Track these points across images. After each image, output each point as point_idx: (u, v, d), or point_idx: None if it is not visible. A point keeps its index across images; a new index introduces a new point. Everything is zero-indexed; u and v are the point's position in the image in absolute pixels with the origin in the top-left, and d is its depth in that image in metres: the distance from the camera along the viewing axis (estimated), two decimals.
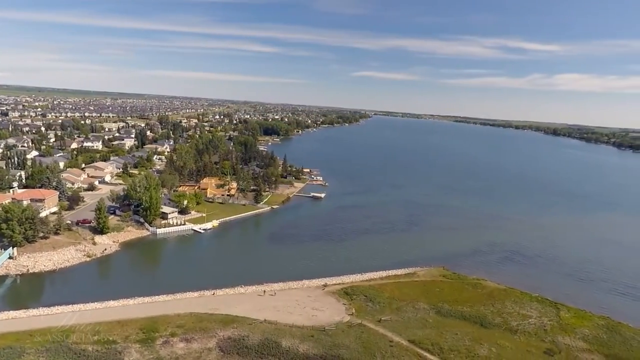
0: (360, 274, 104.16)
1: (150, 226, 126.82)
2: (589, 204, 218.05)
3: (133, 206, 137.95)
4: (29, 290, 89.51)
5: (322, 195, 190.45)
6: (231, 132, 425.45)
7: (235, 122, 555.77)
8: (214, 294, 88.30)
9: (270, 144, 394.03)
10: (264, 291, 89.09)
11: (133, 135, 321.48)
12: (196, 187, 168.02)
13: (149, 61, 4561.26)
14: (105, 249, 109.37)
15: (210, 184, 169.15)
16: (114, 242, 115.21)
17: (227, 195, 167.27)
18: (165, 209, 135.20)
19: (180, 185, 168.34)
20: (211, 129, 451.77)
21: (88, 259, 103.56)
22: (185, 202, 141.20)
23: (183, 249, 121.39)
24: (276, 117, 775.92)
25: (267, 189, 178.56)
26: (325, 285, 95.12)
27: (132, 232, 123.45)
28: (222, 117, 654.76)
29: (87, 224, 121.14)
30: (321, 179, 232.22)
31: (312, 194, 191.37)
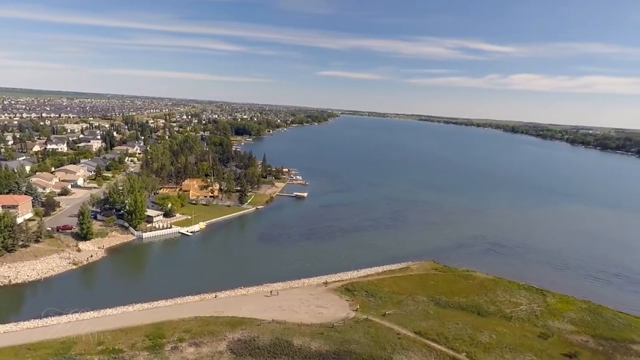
0: (357, 270, 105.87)
1: (136, 230, 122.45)
2: (553, 197, 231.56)
3: (114, 210, 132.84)
4: (15, 302, 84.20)
5: (305, 194, 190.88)
6: (202, 133, 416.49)
7: (204, 122, 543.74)
8: (215, 296, 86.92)
9: (243, 144, 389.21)
10: (271, 291, 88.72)
11: (99, 137, 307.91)
12: (177, 189, 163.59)
13: (109, 59, 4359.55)
14: (92, 256, 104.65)
15: (192, 186, 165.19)
16: (99, 248, 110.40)
17: (211, 196, 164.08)
18: (150, 212, 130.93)
19: (161, 188, 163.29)
20: (180, 129, 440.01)
21: (74, 267, 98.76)
22: (170, 204, 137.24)
23: (173, 252, 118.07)
24: (245, 116, 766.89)
25: (250, 190, 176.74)
26: (326, 283, 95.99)
27: (117, 237, 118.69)
28: (189, 117, 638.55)
29: (68, 230, 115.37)
30: (300, 178, 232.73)
31: (294, 193, 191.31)
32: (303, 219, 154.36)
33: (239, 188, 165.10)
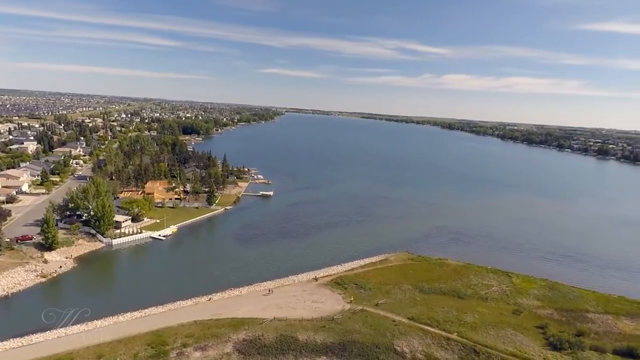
0: (342, 264, 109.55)
1: (104, 237, 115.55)
2: (497, 188, 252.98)
3: (75, 216, 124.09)
4: None
5: (271, 193, 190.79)
6: (147, 132, 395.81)
7: (147, 121, 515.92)
8: (209, 299, 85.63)
9: (193, 143, 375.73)
10: (269, 290, 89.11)
11: (32, 138, 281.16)
12: (140, 192, 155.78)
13: (26, 52, 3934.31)
14: (61, 267, 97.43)
15: (156, 188, 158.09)
16: (67, 258, 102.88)
17: (177, 198, 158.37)
18: (118, 217, 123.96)
19: (122, 191, 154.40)
20: (123, 129, 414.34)
21: (44, 280, 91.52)
22: (138, 208, 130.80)
23: (150, 258, 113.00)
24: (188, 115, 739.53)
25: (216, 190, 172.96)
26: (316, 279, 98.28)
27: (84, 246, 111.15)
28: (129, 115, 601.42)
29: (29, 241, 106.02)
30: (262, 177, 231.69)
31: (260, 192, 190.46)
32: (275, 218, 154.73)
33: (206, 189, 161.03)
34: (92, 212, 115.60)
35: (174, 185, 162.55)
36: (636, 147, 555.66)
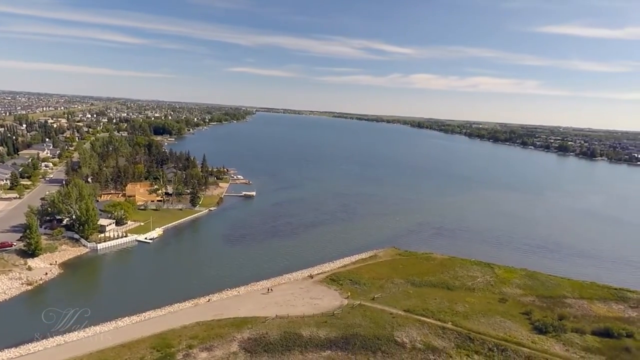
0: (334, 261, 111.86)
1: (89, 242, 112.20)
2: (470, 184, 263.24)
3: (55, 220, 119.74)
4: None
5: (253, 193, 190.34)
6: (116, 133, 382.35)
7: (115, 121, 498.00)
8: (209, 300, 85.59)
9: (166, 144, 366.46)
10: (268, 289, 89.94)
11: None
12: (120, 195, 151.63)
13: None
14: (46, 273, 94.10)
15: (137, 190, 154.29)
16: (51, 264, 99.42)
17: (159, 200, 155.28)
18: (102, 221, 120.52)
19: (101, 194, 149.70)
20: (90, 129, 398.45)
21: (30, 287, 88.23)
22: (122, 211, 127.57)
23: (140, 261, 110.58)
24: (157, 114, 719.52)
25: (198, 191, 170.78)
26: (311, 276, 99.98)
27: (68, 251, 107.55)
28: (95, 115, 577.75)
29: (9, 247, 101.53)
30: (242, 177, 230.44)
31: (243, 192, 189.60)
32: (261, 218, 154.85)
33: (190, 190, 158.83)
34: (75, 216, 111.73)
35: (156, 187, 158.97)
36: (592, 143, 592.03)
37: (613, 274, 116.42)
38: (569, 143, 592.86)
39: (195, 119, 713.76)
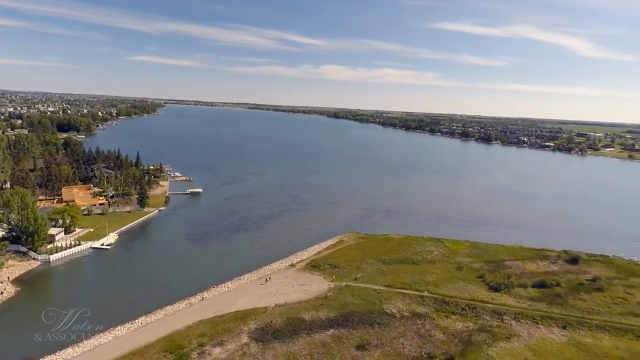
0: (306, 250, 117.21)
1: (38, 254, 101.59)
2: (398, 169, 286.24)
3: None
4: None
5: (200, 190, 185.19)
6: (10, 130, 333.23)
7: (3, 117, 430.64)
8: (203, 298, 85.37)
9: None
10: (266, 279, 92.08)
11: None
12: (56, 201, 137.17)
13: None
14: (2, 292, 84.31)
15: (76, 194, 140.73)
16: (2, 282, 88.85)
17: (101, 204, 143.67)
18: (52, 230, 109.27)
19: (34, 201, 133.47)
20: None
21: None
22: (70, 218, 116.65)
23: (105, 268, 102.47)
24: (51, 109, 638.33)
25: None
26: (293, 265, 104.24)
27: (16, 266, 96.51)
28: None
29: None
30: (180, 174, 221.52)
31: (189, 190, 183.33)
32: (217, 215, 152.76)
33: (137, 191, 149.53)
34: (20, 227, 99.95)
35: (100, 189, 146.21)
36: (487, 129, 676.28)
37: (533, 238, 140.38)
38: (470, 129, 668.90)
39: (101, 113, 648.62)
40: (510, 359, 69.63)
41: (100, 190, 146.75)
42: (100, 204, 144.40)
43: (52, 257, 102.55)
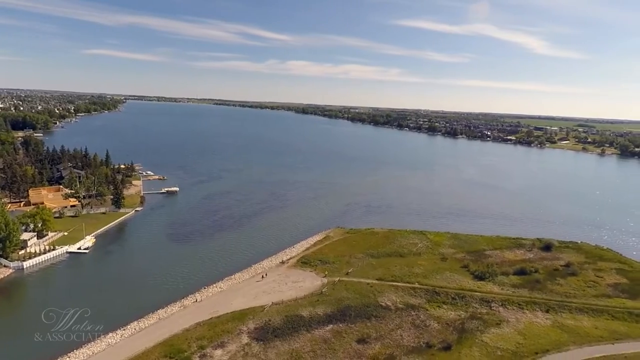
0: (294, 246, 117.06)
1: (10, 261, 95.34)
2: (372, 165, 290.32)
3: None
4: None
5: (176, 189, 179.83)
6: None
7: None
8: (196, 300, 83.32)
9: None
10: (262, 276, 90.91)
11: None
12: (23, 204, 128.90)
13: None
14: None
15: (46, 196, 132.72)
16: None
17: (72, 206, 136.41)
18: (24, 235, 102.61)
19: (3, 204, 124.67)
20: None
21: None
22: (41, 222, 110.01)
23: (85, 274, 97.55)
24: (0, 105, 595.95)
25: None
26: (283, 262, 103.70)
27: None
28: None
29: None
30: (152, 172, 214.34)
31: (165, 189, 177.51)
32: (197, 214, 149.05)
33: (112, 191, 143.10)
34: None
35: (74, 191, 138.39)
36: (452, 124, 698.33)
37: (507, 228, 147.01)
38: (436, 124, 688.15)
39: (57, 110, 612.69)
40: (503, 344, 72.97)
41: (72, 191, 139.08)
42: (72, 206, 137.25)
43: (26, 264, 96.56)
